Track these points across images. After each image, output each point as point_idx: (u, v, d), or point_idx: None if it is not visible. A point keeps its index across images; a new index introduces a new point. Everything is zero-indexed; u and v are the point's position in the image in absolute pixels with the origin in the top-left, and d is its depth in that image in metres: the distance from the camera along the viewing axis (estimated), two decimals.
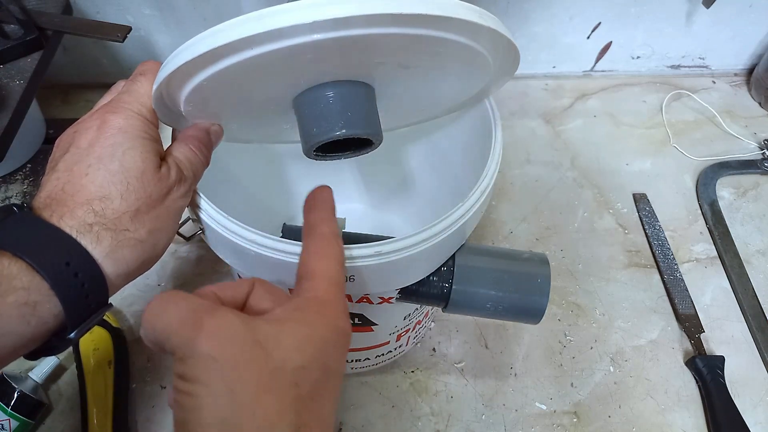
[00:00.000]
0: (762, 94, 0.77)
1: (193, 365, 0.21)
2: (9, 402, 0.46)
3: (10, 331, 0.25)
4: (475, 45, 0.30)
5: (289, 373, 0.22)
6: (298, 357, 0.23)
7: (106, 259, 0.28)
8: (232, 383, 0.21)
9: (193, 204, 0.36)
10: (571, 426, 0.51)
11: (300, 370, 0.22)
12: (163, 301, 0.24)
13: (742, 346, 0.56)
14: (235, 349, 0.22)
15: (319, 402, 0.23)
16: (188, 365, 0.22)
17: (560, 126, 0.74)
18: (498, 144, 0.39)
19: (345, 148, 0.35)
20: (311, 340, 0.23)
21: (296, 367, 0.22)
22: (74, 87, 0.74)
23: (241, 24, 0.25)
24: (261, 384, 0.21)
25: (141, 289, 0.57)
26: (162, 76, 0.28)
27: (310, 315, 0.25)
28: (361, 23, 0.25)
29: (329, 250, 0.28)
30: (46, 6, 0.56)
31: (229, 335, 0.22)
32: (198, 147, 0.34)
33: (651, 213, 0.65)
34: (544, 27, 0.73)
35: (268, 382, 0.21)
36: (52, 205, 0.28)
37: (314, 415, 0.22)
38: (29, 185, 0.62)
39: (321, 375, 0.23)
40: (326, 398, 0.23)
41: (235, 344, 0.22)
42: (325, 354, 0.24)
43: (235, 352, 0.22)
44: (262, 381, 0.21)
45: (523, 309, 0.39)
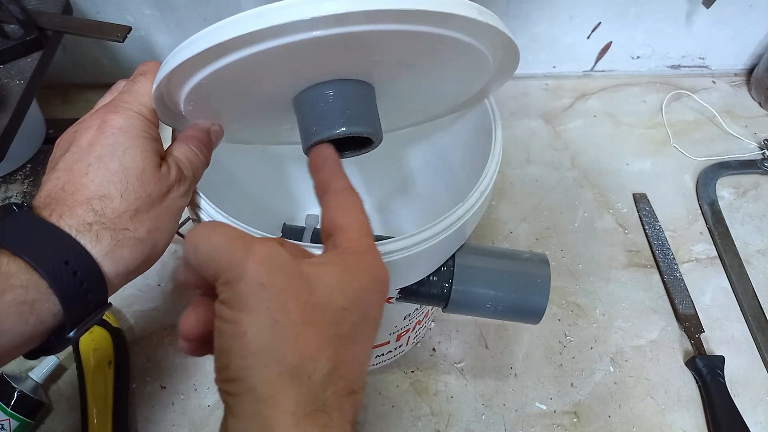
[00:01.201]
0: (762, 94, 0.77)
1: (239, 291, 0.21)
2: (9, 402, 0.46)
3: (8, 329, 0.25)
4: (474, 43, 0.30)
5: (330, 312, 0.22)
6: (340, 297, 0.23)
7: (106, 258, 0.28)
8: (277, 313, 0.21)
9: (193, 204, 0.36)
10: (571, 426, 0.51)
11: (340, 311, 0.23)
12: (211, 225, 0.24)
13: (742, 346, 0.56)
14: (282, 278, 0.22)
15: (356, 344, 0.23)
16: (234, 291, 0.21)
17: (560, 126, 0.74)
18: (498, 144, 0.39)
19: (345, 147, 0.35)
20: (351, 285, 0.23)
21: (337, 308, 0.23)
22: (74, 87, 0.74)
23: (240, 21, 0.25)
24: (304, 317, 0.21)
25: (141, 289, 0.57)
26: (162, 75, 0.28)
27: (349, 262, 0.25)
28: (360, 20, 0.25)
29: (352, 203, 0.28)
30: (46, 6, 0.56)
31: (278, 264, 0.22)
32: (198, 147, 0.34)
33: (651, 213, 0.65)
34: (544, 27, 0.73)
35: (310, 316, 0.21)
36: (51, 204, 0.28)
37: (350, 356, 0.22)
38: (29, 185, 0.62)
39: (359, 319, 0.23)
40: (363, 342, 0.24)
41: (283, 274, 0.22)
42: (364, 300, 0.24)
43: (283, 281, 0.22)
44: (306, 314, 0.21)
45: (523, 309, 0.39)
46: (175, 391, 0.51)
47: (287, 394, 0.20)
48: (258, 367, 0.20)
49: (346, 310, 0.23)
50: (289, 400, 0.20)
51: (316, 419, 0.20)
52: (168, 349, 0.53)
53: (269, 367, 0.20)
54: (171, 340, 0.54)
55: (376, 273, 0.25)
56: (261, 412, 0.20)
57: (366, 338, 0.24)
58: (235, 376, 0.21)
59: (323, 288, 0.23)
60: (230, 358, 0.21)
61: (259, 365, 0.20)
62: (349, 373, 0.22)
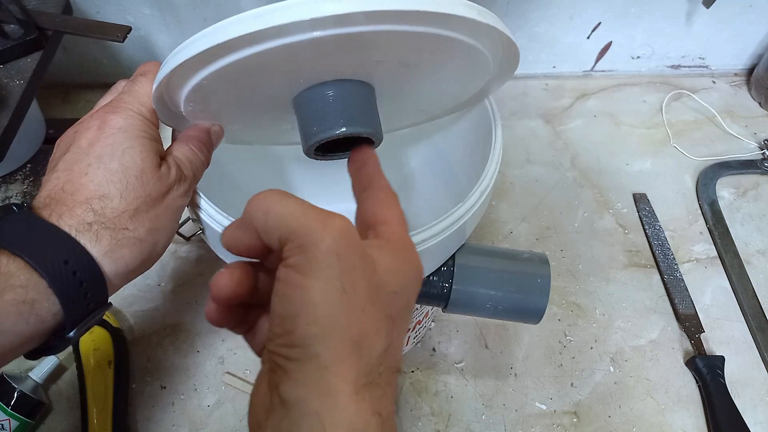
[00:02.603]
0: (762, 94, 0.77)
1: (314, 257, 0.21)
2: (9, 402, 0.46)
3: (8, 329, 0.25)
4: (474, 43, 0.30)
5: (385, 294, 0.23)
6: (394, 282, 0.24)
7: (105, 258, 0.28)
8: (349, 285, 0.21)
9: (193, 204, 0.36)
10: (571, 426, 0.51)
11: (393, 295, 0.24)
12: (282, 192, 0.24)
13: (742, 346, 0.56)
14: (355, 254, 0.22)
15: (399, 327, 0.24)
16: (308, 257, 0.21)
17: (560, 126, 0.74)
18: (498, 144, 0.39)
19: (345, 147, 0.35)
20: (402, 272, 0.25)
21: (391, 291, 0.24)
22: (74, 87, 0.74)
23: (240, 22, 0.25)
24: (368, 294, 0.22)
25: (141, 289, 0.57)
26: (162, 75, 0.28)
27: (399, 251, 0.26)
28: (360, 20, 0.25)
29: (394, 200, 0.29)
30: (46, 6, 0.56)
31: (352, 240, 0.22)
32: (198, 147, 0.34)
33: (651, 213, 0.65)
34: (544, 27, 0.73)
35: (373, 294, 0.22)
36: (51, 204, 0.28)
37: (396, 337, 0.24)
38: (29, 185, 0.62)
39: (404, 304, 0.25)
40: (403, 326, 0.25)
41: (356, 250, 0.22)
42: (409, 287, 0.25)
43: (355, 257, 0.22)
44: (370, 292, 0.22)
45: (523, 309, 0.39)
46: (175, 391, 0.51)
47: (350, 364, 0.21)
48: (325, 335, 0.21)
49: (396, 294, 0.24)
50: (350, 370, 0.21)
51: (372, 390, 0.21)
52: (168, 349, 0.53)
53: (336, 337, 0.21)
54: (171, 340, 0.54)
55: (417, 264, 0.26)
56: (323, 378, 0.20)
57: (405, 323, 0.25)
58: (300, 342, 0.21)
59: (382, 271, 0.23)
60: (296, 323, 0.21)
61: (325, 334, 0.21)
62: (396, 352, 0.23)
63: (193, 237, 0.39)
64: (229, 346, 0.54)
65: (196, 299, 0.57)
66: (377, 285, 0.23)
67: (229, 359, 0.53)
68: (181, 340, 0.54)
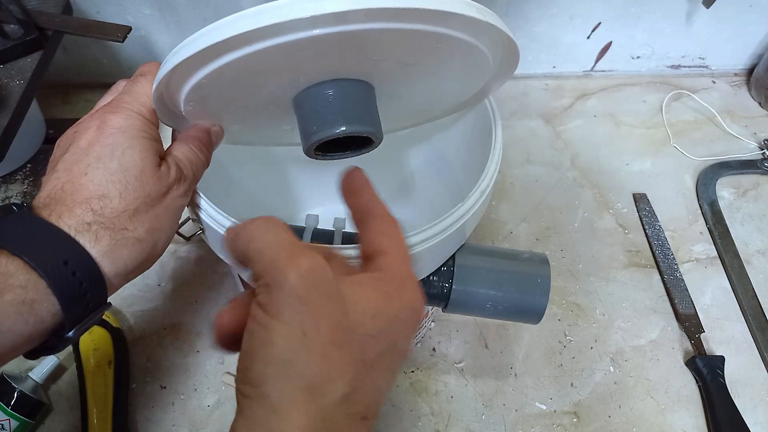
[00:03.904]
0: (762, 94, 0.77)
1: (276, 298, 0.21)
2: (9, 402, 0.46)
3: (7, 329, 0.25)
4: (474, 42, 0.30)
5: (359, 337, 0.22)
6: (371, 325, 0.23)
7: (105, 258, 0.28)
8: (309, 328, 0.21)
9: (193, 204, 0.36)
10: (571, 426, 0.51)
11: (369, 338, 0.23)
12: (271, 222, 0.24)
13: (742, 346, 0.56)
14: (320, 295, 0.22)
15: (378, 371, 0.23)
16: (272, 297, 0.22)
17: (560, 126, 0.74)
18: (498, 144, 0.39)
19: (345, 147, 0.35)
20: (385, 314, 0.24)
21: (366, 334, 0.23)
22: (74, 87, 0.74)
23: (239, 20, 0.25)
24: (333, 337, 0.21)
25: (141, 289, 0.57)
26: (161, 74, 0.28)
27: (388, 289, 0.25)
28: (360, 18, 0.25)
29: (393, 229, 0.28)
30: (46, 6, 0.56)
31: (318, 280, 0.22)
32: (198, 147, 0.34)
33: (651, 213, 0.65)
34: (544, 27, 0.73)
35: (339, 338, 0.22)
36: (51, 204, 0.28)
37: (370, 383, 0.23)
38: (29, 185, 0.62)
39: (387, 348, 0.23)
40: (386, 370, 0.24)
41: (322, 291, 0.22)
42: (395, 330, 0.24)
43: (320, 299, 0.22)
44: (335, 335, 0.22)
45: (523, 309, 0.39)
46: (175, 391, 0.51)
47: (300, 410, 0.20)
48: (278, 377, 0.21)
49: (374, 338, 0.23)
50: (300, 416, 0.20)
51: None
52: (168, 349, 0.53)
53: (289, 380, 0.21)
54: (171, 340, 0.54)
55: (412, 304, 0.25)
56: (270, 421, 0.20)
57: (389, 368, 0.24)
58: (254, 380, 0.21)
59: (357, 312, 0.23)
60: (253, 361, 0.21)
61: (279, 376, 0.21)
62: (365, 398, 0.22)
63: (193, 237, 0.39)
64: None
65: (196, 299, 0.57)
66: (347, 328, 0.22)
67: (229, 359, 0.53)
68: (181, 340, 0.54)
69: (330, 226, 0.52)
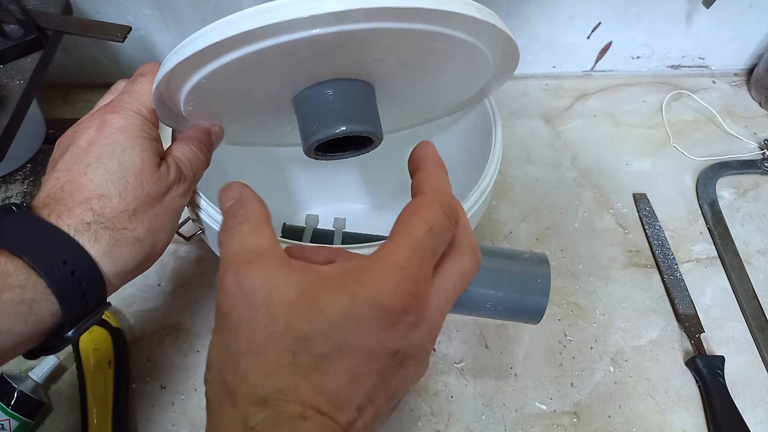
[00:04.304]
0: (762, 94, 0.77)
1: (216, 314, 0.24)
2: (9, 402, 0.46)
3: (7, 329, 0.25)
4: (474, 41, 0.30)
5: (288, 341, 0.22)
6: (306, 326, 0.22)
7: (104, 257, 0.28)
8: (230, 340, 0.23)
9: (193, 204, 0.36)
10: (571, 426, 0.51)
11: (303, 341, 0.22)
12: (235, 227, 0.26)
13: (742, 346, 0.56)
14: (242, 309, 0.23)
15: (323, 374, 0.22)
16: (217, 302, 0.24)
17: (560, 126, 0.74)
18: (498, 144, 0.39)
19: (345, 147, 0.35)
20: (327, 311, 0.22)
21: (299, 337, 0.22)
22: (74, 87, 0.74)
23: (239, 20, 0.25)
24: (253, 346, 0.22)
25: (141, 289, 0.57)
26: (161, 74, 0.28)
27: (350, 282, 0.23)
28: (359, 17, 0.25)
29: (423, 211, 0.25)
30: (46, 6, 0.56)
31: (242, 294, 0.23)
32: (198, 147, 0.34)
33: (651, 213, 0.65)
34: (544, 27, 0.73)
35: (260, 346, 0.22)
36: (50, 204, 0.28)
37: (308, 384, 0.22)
38: (29, 185, 0.62)
39: (330, 349, 0.22)
40: (337, 372, 0.22)
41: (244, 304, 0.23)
42: (344, 330, 0.22)
43: (241, 312, 0.23)
44: (255, 343, 0.22)
45: (523, 309, 0.39)
46: (175, 391, 0.51)
47: (225, 413, 0.22)
48: (211, 382, 0.24)
49: (307, 339, 0.22)
50: (227, 416, 0.22)
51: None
52: (168, 349, 0.53)
53: (217, 385, 0.23)
54: (171, 340, 0.54)
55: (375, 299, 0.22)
56: (211, 418, 0.23)
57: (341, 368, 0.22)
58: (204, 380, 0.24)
59: (287, 316, 0.22)
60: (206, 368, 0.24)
61: (211, 380, 0.24)
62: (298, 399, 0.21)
63: (193, 237, 0.39)
64: None
65: (196, 299, 0.57)
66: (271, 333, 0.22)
67: None
68: (181, 340, 0.54)
69: (330, 226, 0.52)
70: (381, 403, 0.23)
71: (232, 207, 0.27)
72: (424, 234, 0.24)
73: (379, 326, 0.22)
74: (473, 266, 0.26)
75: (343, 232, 0.49)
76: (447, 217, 0.25)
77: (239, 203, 0.27)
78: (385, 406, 0.24)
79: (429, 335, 0.24)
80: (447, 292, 0.25)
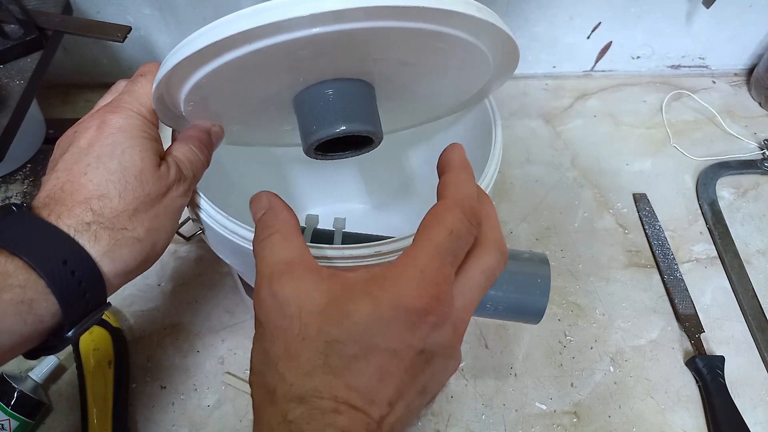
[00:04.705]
0: (762, 94, 0.77)
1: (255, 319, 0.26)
2: (9, 402, 0.46)
3: (6, 329, 0.25)
4: (474, 40, 0.30)
5: (321, 344, 0.24)
6: (335, 331, 0.24)
7: (104, 257, 0.28)
8: (268, 345, 0.25)
9: (193, 204, 0.36)
10: (571, 426, 0.51)
11: (333, 344, 0.23)
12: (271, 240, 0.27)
13: (742, 346, 0.56)
14: (277, 316, 0.25)
15: (354, 372, 0.23)
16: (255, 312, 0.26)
17: (560, 126, 0.74)
18: (498, 144, 0.39)
19: (345, 147, 0.35)
20: (354, 316, 0.24)
21: (330, 340, 0.23)
22: (74, 87, 0.74)
23: (238, 19, 0.25)
24: (289, 349, 0.24)
25: (141, 289, 0.57)
26: (161, 74, 0.28)
27: (374, 287, 0.24)
28: (359, 16, 0.25)
29: (443, 216, 0.26)
30: (46, 6, 0.56)
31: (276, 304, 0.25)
32: (198, 147, 0.34)
33: (651, 213, 0.65)
34: (544, 27, 0.73)
35: (295, 349, 0.24)
36: (50, 204, 0.28)
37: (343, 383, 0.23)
38: (29, 185, 0.62)
39: (359, 350, 0.23)
40: (366, 371, 0.23)
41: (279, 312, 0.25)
42: (371, 332, 0.23)
43: (277, 319, 0.25)
44: (291, 347, 0.24)
45: (524, 309, 0.39)
46: (175, 391, 0.51)
47: (266, 410, 0.24)
48: (254, 384, 0.26)
49: (339, 342, 0.23)
50: (268, 415, 0.24)
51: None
52: (168, 349, 0.53)
53: (259, 387, 0.25)
54: (171, 340, 0.54)
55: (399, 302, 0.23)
56: (256, 416, 0.25)
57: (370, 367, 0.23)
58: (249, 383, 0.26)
59: (319, 322, 0.24)
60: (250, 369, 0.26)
61: (254, 383, 0.26)
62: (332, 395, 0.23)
63: (193, 237, 0.39)
64: (229, 346, 0.54)
65: (196, 299, 0.57)
66: (305, 338, 0.24)
67: (229, 359, 0.53)
68: (181, 340, 0.54)
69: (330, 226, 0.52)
70: (412, 398, 0.25)
71: (263, 218, 0.29)
72: (444, 238, 0.25)
73: (403, 327, 0.24)
74: (498, 261, 0.27)
75: (343, 232, 0.49)
76: (468, 220, 0.26)
77: (270, 213, 0.29)
78: (417, 401, 0.25)
79: (454, 333, 0.25)
80: (472, 291, 0.26)
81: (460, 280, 0.26)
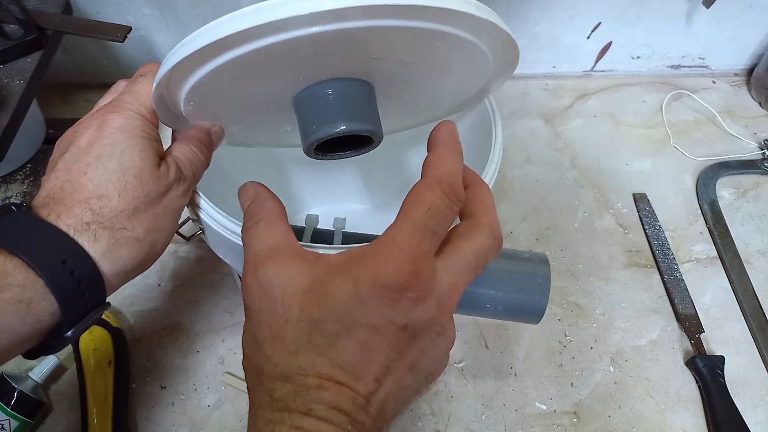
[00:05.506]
0: (762, 94, 0.77)
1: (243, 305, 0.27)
2: (9, 402, 0.46)
3: (5, 328, 0.25)
4: (474, 40, 0.30)
5: (304, 325, 0.24)
6: (317, 311, 0.24)
7: (103, 257, 0.28)
8: (254, 328, 0.26)
9: (193, 204, 0.36)
10: (571, 426, 0.51)
11: (316, 323, 0.24)
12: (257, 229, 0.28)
13: (742, 346, 0.56)
14: (262, 300, 0.26)
15: (337, 350, 0.24)
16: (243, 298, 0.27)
17: (560, 126, 0.74)
18: (498, 144, 0.39)
19: (345, 147, 0.35)
20: (334, 295, 0.24)
21: (312, 320, 0.24)
22: (74, 87, 0.74)
23: (238, 18, 0.25)
24: (274, 331, 0.25)
25: (141, 289, 0.57)
26: (161, 74, 0.28)
27: (353, 267, 0.25)
28: (359, 15, 0.25)
29: (421, 194, 0.26)
30: (46, 6, 0.56)
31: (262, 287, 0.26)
32: (198, 147, 0.34)
33: (651, 213, 0.65)
34: (544, 27, 0.73)
35: (280, 330, 0.25)
36: (50, 203, 0.28)
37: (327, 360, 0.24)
38: (29, 185, 0.62)
39: (341, 328, 0.24)
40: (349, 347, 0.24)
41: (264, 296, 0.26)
42: (351, 309, 0.24)
43: (262, 302, 0.26)
44: (275, 329, 0.25)
45: (523, 309, 0.39)
46: (175, 391, 0.51)
47: (255, 391, 0.25)
48: (245, 367, 0.27)
49: (320, 321, 0.24)
50: (256, 395, 0.25)
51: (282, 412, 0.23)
52: (168, 349, 0.53)
53: (248, 369, 0.26)
54: (171, 340, 0.54)
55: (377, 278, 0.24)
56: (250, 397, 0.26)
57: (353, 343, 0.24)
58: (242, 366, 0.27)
59: (300, 303, 0.25)
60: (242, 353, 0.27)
61: (245, 366, 0.27)
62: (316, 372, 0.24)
63: (193, 237, 0.39)
64: (229, 346, 0.54)
65: (196, 299, 0.57)
66: (289, 320, 0.25)
67: (229, 359, 0.53)
68: (181, 340, 0.54)
69: (330, 226, 0.52)
70: (401, 374, 0.25)
71: (249, 207, 0.30)
72: (422, 215, 0.25)
73: (383, 303, 0.24)
74: (490, 243, 0.28)
75: (343, 232, 0.49)
76: (446, 196, 0.26)
77: (255, 203, 0.30)
78: (408, 378, 0.25)
79: (439, 309, 0.26)
80: (460, 269, 0.27)
81: (448, 257, 0.26)
